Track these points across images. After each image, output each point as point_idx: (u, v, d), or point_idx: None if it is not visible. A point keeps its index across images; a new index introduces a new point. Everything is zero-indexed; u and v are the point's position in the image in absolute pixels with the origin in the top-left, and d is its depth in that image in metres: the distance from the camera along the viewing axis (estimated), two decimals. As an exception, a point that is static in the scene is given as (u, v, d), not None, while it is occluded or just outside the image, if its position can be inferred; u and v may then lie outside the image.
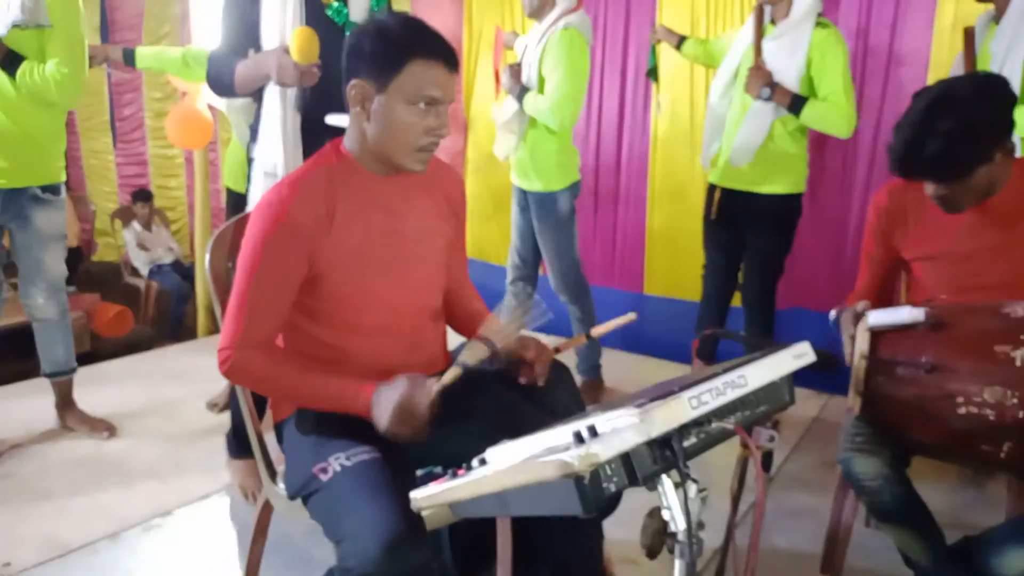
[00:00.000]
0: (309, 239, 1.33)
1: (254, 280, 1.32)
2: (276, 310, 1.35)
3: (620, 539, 1.56)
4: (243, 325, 1.33)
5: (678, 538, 0.93)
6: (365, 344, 1.40)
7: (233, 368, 1.34)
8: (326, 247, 1.34)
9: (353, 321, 1.40)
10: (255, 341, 1.33)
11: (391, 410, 1.23)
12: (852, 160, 3.22)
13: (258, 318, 1.33)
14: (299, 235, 1.32)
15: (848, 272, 3.28)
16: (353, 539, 1.16)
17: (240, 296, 1.33)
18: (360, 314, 1.40)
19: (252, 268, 1.32)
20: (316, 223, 1.33)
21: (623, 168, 3.80)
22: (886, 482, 1.55)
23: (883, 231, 1.79)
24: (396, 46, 1.29)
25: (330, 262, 1.35)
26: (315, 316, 1.40)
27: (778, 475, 2.50)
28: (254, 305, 1.33)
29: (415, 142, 1.33)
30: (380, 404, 1.25)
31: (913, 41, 3.03)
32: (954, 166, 1.53)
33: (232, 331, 1.33)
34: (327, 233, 1.34)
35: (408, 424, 1.24)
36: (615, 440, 0.82)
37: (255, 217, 1.34)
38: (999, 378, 1.36)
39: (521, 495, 0.86)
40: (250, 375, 1.36)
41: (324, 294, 1.37)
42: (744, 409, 1.01)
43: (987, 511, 2.24)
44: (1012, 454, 1.37)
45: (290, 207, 1.32)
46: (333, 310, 1.39)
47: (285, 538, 2.02)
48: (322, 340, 1.40)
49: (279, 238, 1.31)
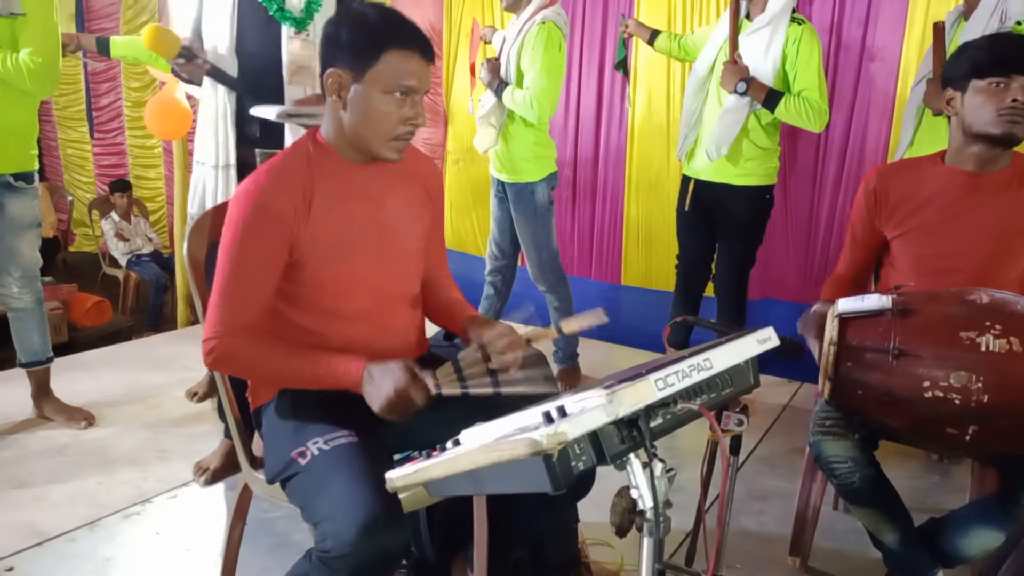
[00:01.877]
0: (288, 225, 1.34)
1: (235, 267, 1.33)
2: (258, 295, 1.36)
3: (595, 522, 1.60)
4: (227, 312, 1.33)
5: (646, 516, 0.96)
6: (344, 330, 1.42)
7: (220, 356, 1.34)
8: (305, 234, 1.36)
9: (332, 307, 1.41)
10: (239, 327, 1.34)
11: (386, 398, 1.24)
12: (824, 154, 3.28)
13: (241, 304, 1.34)
14: (277, 220, 1.33)
15: (819, 263, 3.35)
16: (330, 521, 1.18)
17: (222, 284, 1.34)
18: (339, 300, 1.42)
19: (232, 255, 1.33)
20: (294, 210, 1.34)
21: (601, 161, 3.84)
22: (855, 464, 1.60)
23: (869, 210, 1.84)
24: (373, 36, 1.31)
25: (309, 249, 1.36)
26: (294, 302, 1.41)
27: (748, 460, 2.56)
28: (236, 291, 1.34)
29: (391, 131, 1.34)
30: (373, 385, 1.27)
31: (885, 37, 3.09)
32: None
33: (216, 319, 1.34)
34: (305, 220, 1.35)
35: (401, 410, 1.25)
36: (583, 420, 0.85)
37: (233, 205, 1.35)
38: (964, 363, 1.40)
39: (493, 473, 0.89)
40: (237, 361, 1.36)
41: (303, 280, 1.39)
42: (710, 392, 1.05)
43: (952, 495, 2.30)
44: (977, 438, 1.42)
45: (268, 193, 1.33)
46: (312, 296, 1.40)
47: (265, 523, 2.05)
48: (301, 325, 1.42)
49: (258, 223, 1.32)
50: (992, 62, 1.65)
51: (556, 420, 0.86)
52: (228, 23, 2.09)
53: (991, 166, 1.72)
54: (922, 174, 1.79)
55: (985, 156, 1.71)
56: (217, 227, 1.53)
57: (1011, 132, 1.66)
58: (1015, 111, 1.63)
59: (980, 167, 1.72)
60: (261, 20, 2.06)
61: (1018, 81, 1.63)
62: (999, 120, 1.65)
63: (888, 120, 3.12)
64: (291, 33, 2.10)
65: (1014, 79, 1.63)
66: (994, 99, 1.65)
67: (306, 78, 2.15)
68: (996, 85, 1.65)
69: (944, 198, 1.74)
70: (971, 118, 1.69)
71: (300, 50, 2.12)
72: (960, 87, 1.70)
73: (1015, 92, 1.63)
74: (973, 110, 1.68)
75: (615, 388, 0.89)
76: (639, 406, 0.91)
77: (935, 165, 1.78)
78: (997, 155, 1.71)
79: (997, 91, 1.65)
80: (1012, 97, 1.63)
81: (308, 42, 2.12)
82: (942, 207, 1.73)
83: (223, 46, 2.13)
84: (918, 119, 2.44)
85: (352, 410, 1.33)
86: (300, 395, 1.39)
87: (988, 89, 1.66)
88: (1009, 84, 1.64)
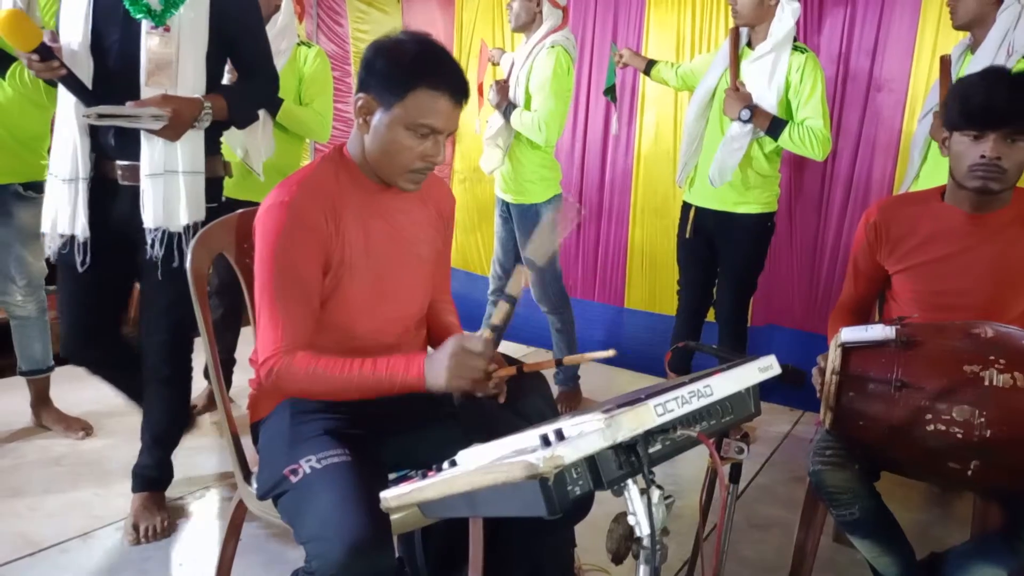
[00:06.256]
0: (322, 236, 1.33)
1: (282, 279, 1.31)
2: (309, 307, 1.34)
3: (591, 546, 1.59)
4: (282, 329, 1.30)
5: (643, 543, 0.95)
6: (348, 349, 1.42)
7: (281, 375, 1.30)
8: (334, 247, 1.35)
9: (344, 324, 1.40)
10: (299, 343, 1.31)
11: (447, 365, 1.23)
12: (830, 183, 3.28)
13: (295, 319, 1.31)
14: (314, 231, 1.32)
15: (823, 291, 3.34)
16: (317, 541, 1.16)
17: (270, 301, 1.31)
18: (351, 318, 1.41)
19: (277, 267, 1.30)
20: (325, 222, 1.33)
21: (607, 184, 3.85)
22: (855, 495, 1.58)
23: (870, 244, 1.83)
24: (405, 70, 1.30)
25: (335, 262, 1.35)
26: None
27: (749, 488, 2.53)
28: (287, 306, 1.31)
29: (408, 164, 1.34)
30: (433, 368, 1.25)
31: (892, 68, 3.10)
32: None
33: (273, 337, 1.30)
34: (335, 233, 1.35)
35: (465, 375, 1.24)
36: (580, 444, 0.85)
37: (266, 219, 1.32)
38: (968, 397, 1.38)
39: (488, 496, 0.88)
40: (297, 378, 1.31)
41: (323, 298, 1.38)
42: (710, 419, 1.04)
43: (954, 529, 2.28)
44: (979, 473, 1.40)
45: (303, 204, 1.32)
46: (325, 313, 1.39)
47: (260, 539, 2.03)
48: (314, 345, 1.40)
49: (298, 233, 1.31)
50: (965, 115, 1.61)
51: (553, 443, 0.85)
52: (83, 17, 1.81)
53: (988, 207, 1.69)
54: (922, 210, 1.77)
55: (976, 200, 1.68)
56: (222, 239, 1.54)
57: (984, 187, 1.63)
58: (985, 168, 1.60)
59: (976, 208, 1.69)
60: (121, 14, 1.81)
61: (990, 137, 1.59)
62: (970, 175, 1.63)
63: (895, 151, 3.12)
64: (149, 28, 1.82)
65: (986, 134, 1.59)
66: (968, 152, 1.62)
67: (165, 79, 1.86)
68: (971, 138, 1.61)
69: (945, 236, 1.72)
70: (953, 165, 1.68)
71: (159, 47, 1.84)
72: (949, 129, 1.68)
73: (984, 148, 1.59)
74: (954, 158, 1.67)
75: (614, 412, 0.88)
76: (638, 432, 0.90)
77: (936, 201, 1.77)
78: (989, 199, 1.67)
79: (972, 144, 1.61)
80: (980, 153, 1.60)
81: (168, 38, 1.84)
82: (943, 245, 1.72)
83: (76, 42, 1.82)
84: (924, 152, 2.44)
85: (350, 428, 1.32)
86: (298, 411, 1.38)
87: (964, 140, 1.63)
88: (981, 139, 1.60)
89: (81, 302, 2.00)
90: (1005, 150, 1.59)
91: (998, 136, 1.58)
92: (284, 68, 2.60)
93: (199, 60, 1.89)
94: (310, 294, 1.33)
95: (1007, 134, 1.58)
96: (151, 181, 1.86)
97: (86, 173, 1.87)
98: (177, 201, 1.89)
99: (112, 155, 1.89)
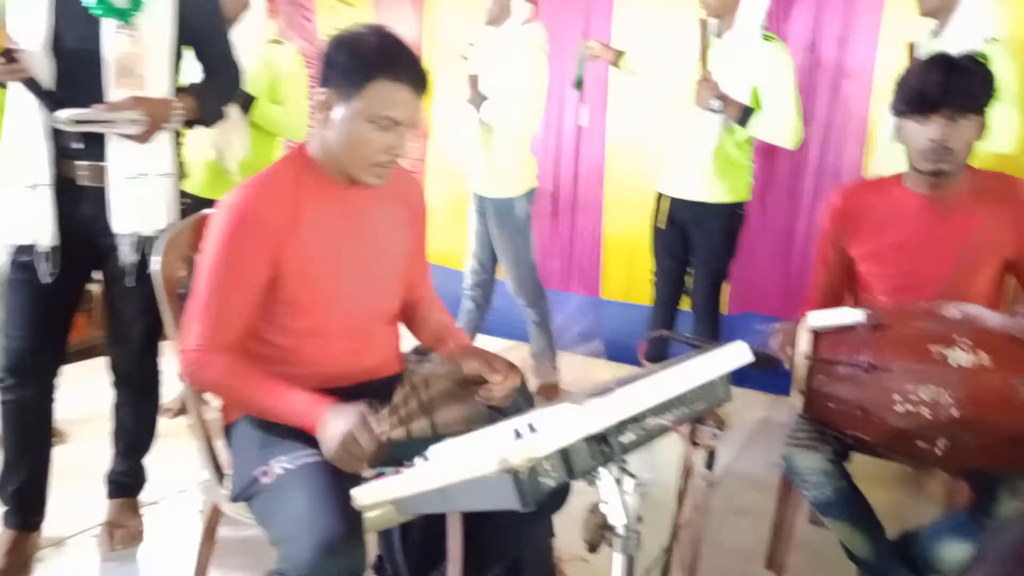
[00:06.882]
0: (275, 239, 1.32)
1: (220, 280, 1.31)
2: (244, 311, 1.34)
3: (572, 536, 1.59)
4: (210, 328, 1.31)
5: (617, 532, 0.96)
6: (321, 348, 1.41)
7: (196, 372, 1.32)
8: (291, 249, 1.34)
9: (310, 326, 1.40)
10: (223, 345, 1.31)
11: (337, 441, 1.19)
12: (801, 170, 3.32)
13: (225, 320, 1.32)
14: (265, 234, 1.31)
15: (796, 278, 3.37)
16: (289, 541, 1.16)
17: (206, 297, 1.32)
18: (318, 318, 1.40)
19: (217, 267, 1.31)
20: (282, 223, 1.33)
21: (581, 176, 3.85)
22: (827, 477, 1.61)
23: (836, 232, 1.85)
24: (364, 62, 1.29)
25: (293, 265, 1.35)
26: (270, 320, 1.39)
27: (727, 474, 2.56)
28: (221, 306, 1.32)
29: (371, 158, 1.34)
30: (328, 429, 1.21)
31: (859, 55, 3.13)
32: (983, 83, 1.60)
33: (198, 333, 1.31)
34: (293, 234, 1.34)
35: (348, 461, 1.19)
36: (552, 436, 0.85)
37: (219, 217, 1.33)
38: (934, 377, 1.41)
39: (462, 490, 0.89)
40: (213, 380, 1.33)
41: (283, 298, 1.37)
42: (682, 406, 1.05)
43: (926, 507, 2.31)
44: (947, 452, 1.43)
45: (256, 205, 1.32)
46: (290, 314, 1.39)
47: (238, 542, 2.01)
48: (276, 343, 1.40)
49: (246, 237, 1.31)
50: (906, 100, 1.63)
51: (525, 436, 0.85)
52: (45, 14, 1.71)
53: (944, 188, 1.71)
54: (883, 195, 1.79)
55: (932, 182, 1.70)
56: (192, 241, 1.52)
57: (936, 170, 1.65)
58: (935, 151, 1.62)
59: (933, 189, 1.72)
60: (82, 12, 1.73)
61: (933, 120, 1.60)
62: (922, 159, 1.65)
63: (863, 138, 3.16)
64: (117, 27, 1.74)
65: (931, 118, 1.60)
66: (916, 136, 1.64)
67: (134, 81, 1.78)
68: (917, 122, 1.63)
69: (904, 219, 1.74)
70: (907, 150, 1.70)
71: (126, 47, 1.75)
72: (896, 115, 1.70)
73: (931, 131, 1.61)
74: (906, 143, 1.69)
75: (585, 403, 0.89)
76: (610, 421, 0.91)
77: (895, 186, 1.79)
78: (944, 180, 1.69)
79: (918, 128, 1.63)
80: (928, 137, 1.62)
81: (136, 38, 1.76)
82: (903, 228, 1.74)
83: (36, 42, 1.71)
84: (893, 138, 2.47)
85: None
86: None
87: (911, 125, 1.65)
88: (925, 122, 1.61)
89: (35, 314, 1.85)
90: (949, 131, 1.61)
91: (940, 118, 1.60)
92: (258, 67, 2.58)
93: (166, 59, 1.85)
94: (247, 299, 1.34)
95: (947, 115, 1.60)
96: (123, 184, 1.80)
97: (51, 178, 1.77)
98: (152, 204, 1.85)
99: (72, 155, 1.79)
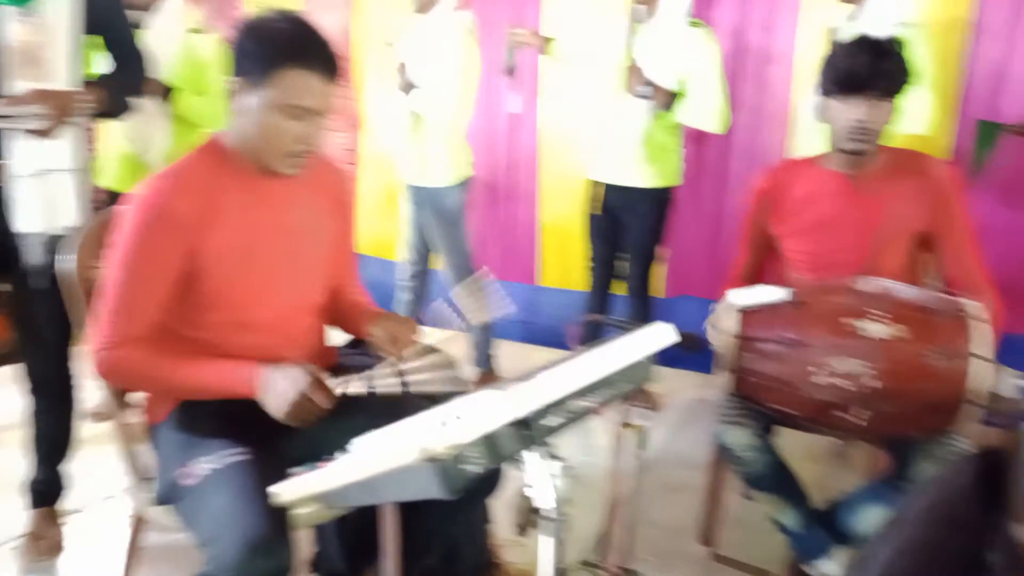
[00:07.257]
0: (189, 233, 1.29)
1: (129, 274, 1.28)
2: (153, 305, 1.31)
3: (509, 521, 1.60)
4: (119, 322, 1.28)
5: (544, 515, 0.97)
6: (244, 341, 1.38)
7: (111, 368, 1.29)
8: (207, 241, 1.31)
9: (233, 319, 1.37)
10: (132, 338, 1.28)
11: (287, 402, 1.21)
12: (728, 154, 3.39)
13: (135, 314, 1.29)
14: (179, 228, 1.28)
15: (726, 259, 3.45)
16: (213, 543, 1.15)
17: (114, 292, 1.29)
18: (241, 311, 1.38)
19: (127, 261, 1.28)
20: (196, 215, 1.29)
21: (514, 164, 3.86)
22: (756, 451, 1.66)
23: (758, 211, 1.90)
24: (272, 50, 1.26)
25: (212, 258, 1.32)
26: (190, 314, 1.36)
27: (661, 454, 2.61)
28: (130, 301, 1.29)
29: (284, 148, 1.31)
30: (273, 391, 1.23)
31: (781, 41, 3.21)
32: (904, 67, 1.65)
33: (107, 330, 1.28)
34: (210, 228, 1.31)
35: (302, 418, 1.22)
36: (476, 423, 0.86)
37: (130, 210, 1.29)
38: (851, 350, 1.47)
39: (386, 481, 0.88)
40: (129, 373, 1.31)
41: (203, 291, 1.34)
42: (606, 388, 1.07)
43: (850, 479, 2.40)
44: (868, 421, 1.50)
45: (170, 198, 1.28)
46: (212, 307, 1.36)
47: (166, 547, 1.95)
48: (197, 338, 1.37)
49: (157, 229, 1.27)
50: (834, 81, 1.68)
51: (448, 424, 0.85)
52: None
53: (862, 167, 1.77)
54: (804, 174, 1.85)
55: (850, 161, 1.76)
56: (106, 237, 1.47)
57: (857, 149, 1.71)
58: (859, 131, 1.68)
59: (851, 168, 1.78)
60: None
61: (855, 101, 1.65)
62: (845, 138, 1.70)
63: (785, 121, 3.24)
64: (18, 15, 1.66)
65: (856, 98, 1.65)
66: (841, 116, 1.69)
67: (37, 71, 1.69)
68: (842, 103, 1.68)
69: (824, 198, 1.80)
70: (829, 130, 1.75)
71: (26, 35, 1.67)
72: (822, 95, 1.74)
73: (854, 112, 1.66)
74: (829, 123, 1.74)
75: (509, 389, 0.89)
76: (533, 406, 0.92)
77: (816, 166, 1.85)
78: (862, 160, 1.75)
79: (843, 108, 1.68)
80: (855, 117, 1.67)
81: (37, 26, 1.68)
82: (822, 207, 1.80)
83: None
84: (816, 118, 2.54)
85: (251, 425, 1.29)
86: (195, 412, 1.34)
87: (836, 105, 1.69)
88: (850, 103, 1.66)
89: None
90: (872, 112, 1.67)
91: (864, 99, 1.65)
92: (179, 56, 2.50)
93: (73, 48, 1.76)
94: (158, 293, 1.31)
95: (873, 96, 1.65)
96: (28, 182, 1.72)
97: None
98: (62, 202, 1.77)
99: None
